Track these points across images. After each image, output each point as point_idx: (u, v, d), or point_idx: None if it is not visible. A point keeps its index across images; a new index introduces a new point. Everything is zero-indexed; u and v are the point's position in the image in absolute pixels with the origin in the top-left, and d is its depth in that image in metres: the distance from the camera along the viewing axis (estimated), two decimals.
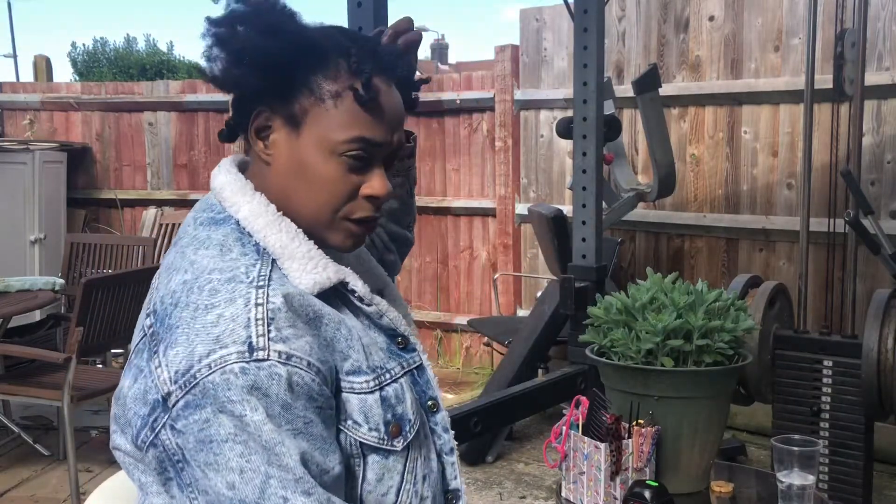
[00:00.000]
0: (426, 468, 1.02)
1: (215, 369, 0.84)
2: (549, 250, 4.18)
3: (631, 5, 4.49)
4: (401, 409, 0.98)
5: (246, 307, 0.88)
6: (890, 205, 3.72)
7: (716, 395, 1.84)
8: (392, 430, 0.96)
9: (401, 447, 0.97)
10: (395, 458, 0.97)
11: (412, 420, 0.99)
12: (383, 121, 0.98)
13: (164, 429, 0.87)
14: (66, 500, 3.24)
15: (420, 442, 1.01)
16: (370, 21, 2.06)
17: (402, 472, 0.98)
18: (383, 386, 0.97)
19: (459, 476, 1.08)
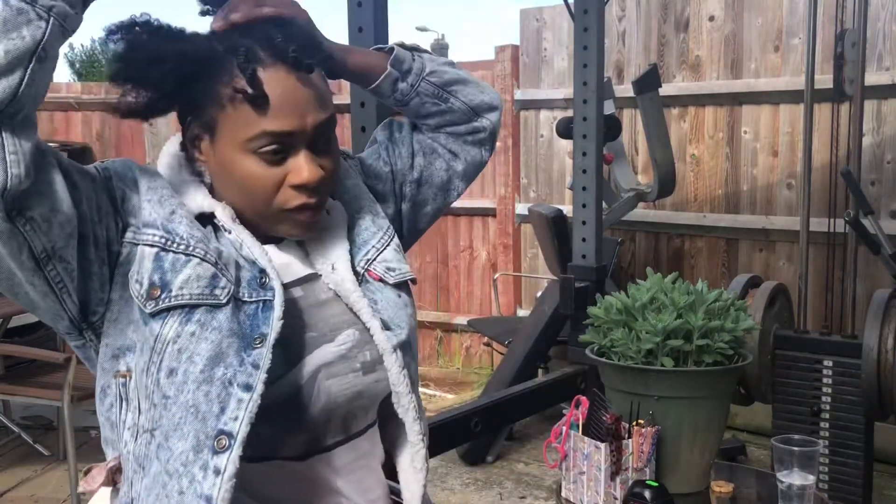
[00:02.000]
0: (176, 362, 0.94)
1: None
2: (549, 250, 4.19)
3: (631, 5, 4.49)
4: (169, 277, 0.95)
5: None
6: (890, 205, 3.72)
7: (716, 395, 1.84)
8: (152, 292, 0.94)
9: (149, 310, 0.94)
10: (150, 327, 0.94)
11: (174, 294, 0.94)
12: (284, 110, 0.98)
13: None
14: (66, 500, 3.24)
15: (181, 333, 0.94)
16: (370, 21, 2.06)
17: (152, 348, 0.94)
18: (166, 249, 0.96)
19: (244, 422, 0.93)
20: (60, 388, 3.11)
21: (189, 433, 0.93)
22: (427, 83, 1.19)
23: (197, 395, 0.93)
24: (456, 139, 1.24)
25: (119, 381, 0.97)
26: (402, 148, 1.24)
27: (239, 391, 0.94)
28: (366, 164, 1.22)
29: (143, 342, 0.95)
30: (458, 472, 3.57)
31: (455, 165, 1.24)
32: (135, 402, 0.96)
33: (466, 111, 1.22)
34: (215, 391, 0.94)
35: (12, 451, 3.74)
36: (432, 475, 3.48)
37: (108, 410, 0.99)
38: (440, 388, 4.89)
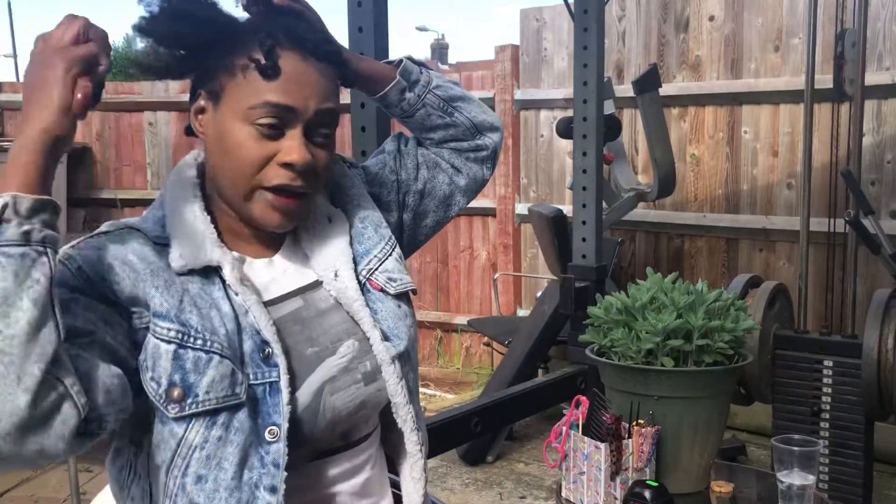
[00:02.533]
0: (205, 471, 0.93)
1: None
2: (549, 250, 4.19)
3: (631, 5, 4.49)
4: (192, 380, 0.92)
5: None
6: (890, 205, 3.72)
7: (716, 395, 1.84)
8: (172, 393, 0.92)
9: (173, 415, 0.92)
10: (170, 429, 0.93)
11: (201, 399, 0.92)
12: (291, 87, 1.00)
13: None
14: (66, 500, 3.24)
15: (209, 438, 0.93)
16: (370, 21, 2.06)
17: (174, 452, 0.93)
18: (185, 346, 0.93)
19: None
20: None
21: None
22: (433, 95, 1.21)
23: (229, 503, 0.94)
24: (459, 155, 1.26)
25: (132, 449, 0.97)
26: (408, 159, 1.25)
27: (266, 494, 0.95)
28: (371, 172, 1.23)
29: (159, 439, 0.94)
30: (458, 472, 3.57)
31: (458, 180, 1.26)
32: (144, 484, 0.97)
33: (470, 127, 1.24)
34: (245, 497, 0.95)
35: None
36: (432, 475, 3.48)
37: (119, 472, 1.00)
38: (440, 388, 4.89)
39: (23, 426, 0.77)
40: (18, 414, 0.77)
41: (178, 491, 0.93)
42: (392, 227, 1.19)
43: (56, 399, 0.80)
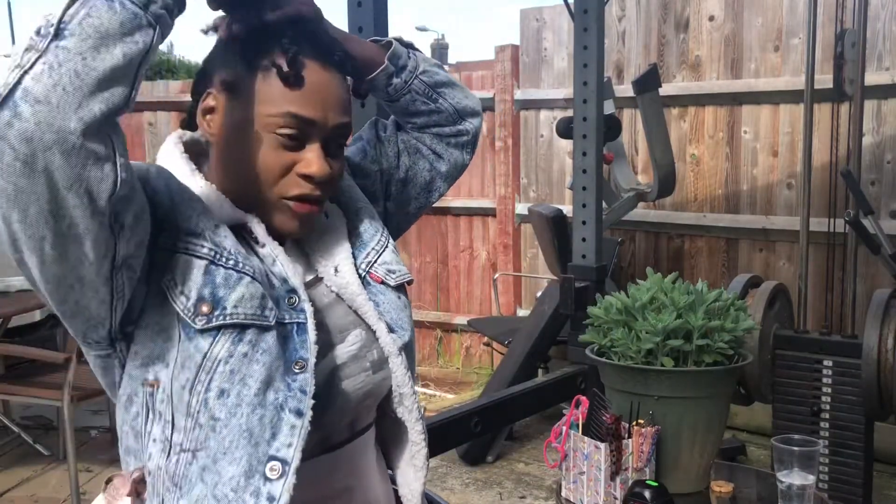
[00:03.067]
0: (228, 385, 0.92)
1: None
2: (549, 250, 4.19)
3: (631, 5, 4.49)
4: (221, 294, 0.92)
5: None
6: (890, 205, 3.72)
7: (716, 395, 1.84)
8: (201, 307, 0.91)
9: (199, 326, 0.91)
10: (196, 344, 0.91)
11: (228, 312, 0.92)
12: (312, 98, 0.99)
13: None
14: (66, 500, 3.24)
15: (234, 353, 0.92)
16: (370, 21, 2.06)
17: (199, 366, 0.91)
18: (216, 263, 0.93)
19: (297, 448, 0.93)
20: (60, 388, 3.11)
21: (241, 458, 0.91)
22: (420, 81, 1.19)
23: (251, 419, 0.92)
24: (440, 140, 1.25)
25: (147, 390, 0.94)
26: (388, 146, 1.24)
27: (291, 416, 0.94)
28: (353, 162, 1.22)
29: (184, 357, 0.92)
30: (458, 472, 3.57)
31: (439, 166, 1.26)
32: (165, 416, 0.93)
33: (453, 113, 1.24)
34: (268, 416, 0.93)
35: (12, 451, 3.74)
36: (432, 475, 3.48)
37: (134, 420, 0.96)
38: (440, 388, 4.89)
39: (63, 149, 0.77)
40: (64, 134, 0.77)
41: (201, 407, 0.92)
42: (379, 216, 1.20)
43: (102, 152, 0.80)
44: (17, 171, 0.76)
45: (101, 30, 0.78)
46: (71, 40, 0.77)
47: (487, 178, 5.18)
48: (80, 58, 0.77)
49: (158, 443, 0.94)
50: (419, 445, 1.12)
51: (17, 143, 0.75)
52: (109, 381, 0.99)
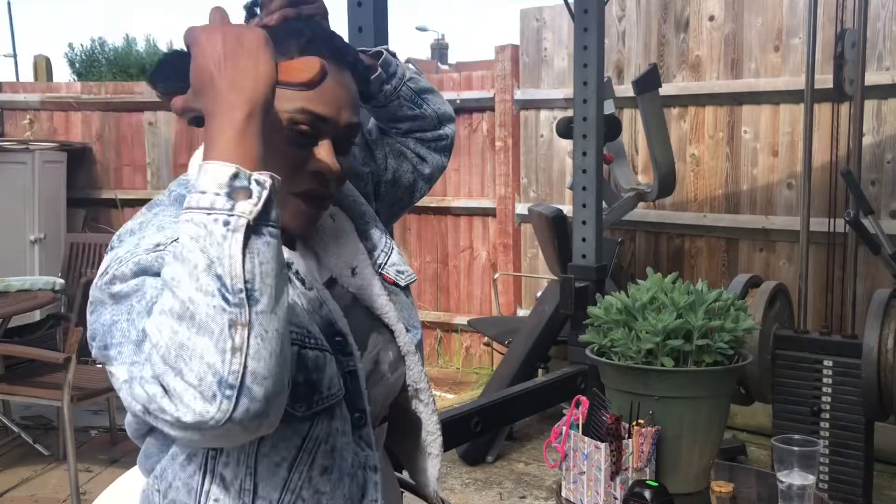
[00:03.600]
0: (330, 461, 0.97)
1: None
2: (549, 250, 4.18)
3: (631, 5, 4.49)
4: (316, 377, 0.94)
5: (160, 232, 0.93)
6: (890, 205, 3.72)
7: (716, 395, 1.83)
8: (297, 393, 0.93)
9: (301, 414, 0.93)
10: (294, 428, 0.94)
11: (325, 395, 0.95)
12: (326, 96, 1.01)
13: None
14: (66, 500, 3.24)
15: (331, 431, 0.97)
16: (370, 20, 2.06)
17: (300, 448, 0.95)
18: (304, 346, 0.94)
19: (381, 499, 1.02)
20: (60, 388, 3.10)
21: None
22: (407, 88, 1.25)
23: (351, 488, 0.99)
24: (422, 144, 1.31)
25: (209, 452, 0.95)
26: (376, 149, 1.29)
27: (371, 475, 1.01)
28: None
29: (277, 439, 0.94)
30: (458, 472, 3.57)
31: (422, 169, 1.31)
32: (235, 482, 0.94)
33: (434, 118, 1.30)
34: (360, 478, 1.00)
35: (12, 451, 3.74)
36: None
37: (190, 477, 0.97)
38: (440, 388, 4.88)
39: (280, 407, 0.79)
40: (284, 393, 0.79)
41: (304, 484, 0.95)
42: None
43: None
44: (234, 437, 0.78)
45: (274, 273, 0.77)
46: (263, 302, 0.76)
47: (487, 178, 5.18)
48: (274, 315, 0.77)
49: (224, 502, 0.95)
50: (434, 434, 1.19)
51: (250, 422, 0.76)
52: (150, 427, 0.99)
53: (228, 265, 0.75)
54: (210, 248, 0.75)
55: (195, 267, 0.75)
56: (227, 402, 0.74)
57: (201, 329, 0.74)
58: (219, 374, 0.73)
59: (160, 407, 0.75)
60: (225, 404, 0.74)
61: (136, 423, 1.01)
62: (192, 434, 0.76)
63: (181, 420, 0.74)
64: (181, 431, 0.75)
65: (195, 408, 0.73)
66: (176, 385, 0.74)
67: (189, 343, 0.74)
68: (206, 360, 0.73)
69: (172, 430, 0.76)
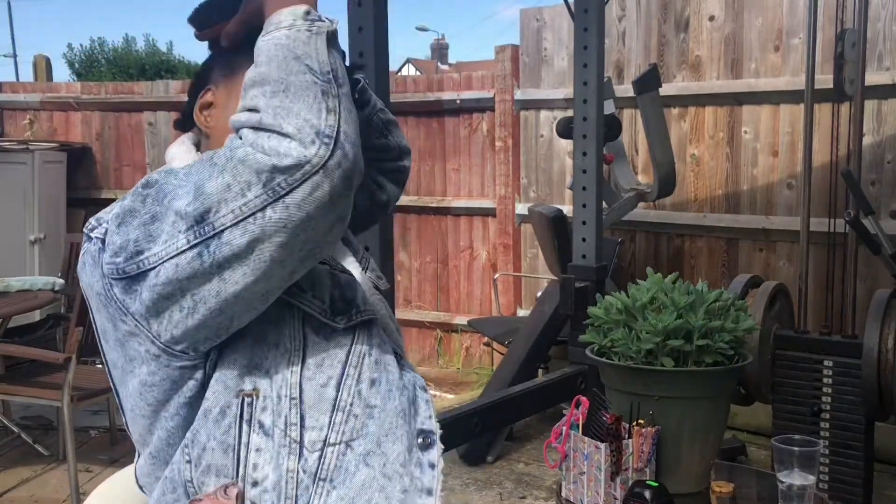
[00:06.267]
0: (378, 374, 0.99)
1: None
2: (549, 250, 4.18)
3: (631, 5, 4.48)
4: (351, 294, 1.00)
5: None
6: (890, 205, 3.72)
7: (716, 395, 1.84)
8: (336, 307, 0.98)
9: (342, 326, 0.97)
10: (337, 343, 0.96)
11: (362, 309, 1.00)
12: None
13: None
14: (66, 500, 3.24)
15: (373, 343, 1.00)
16: (370, 21, 2.06)
17: (345, 363, 0.96)
18: (334, 269, 1.01)
19: (434, 417, 1.03)
20: (60, 388, 3.10)
21: (402, 436, 0.98)
22: (378, 118, 1.28)
23: (402, 401, 1.00)
24: (382, 174, 1.34)
25: (245, 401, 0.94)
26: None
27: (422, 392, 1.03)
28: None
29: (321, 357, 0.95)
30: (458, 472, 3.57)
31: (379, 196, 1.34)
32: (282, 421, 0.93)
33: (397, 150, 1.33)
34: (409, 394, 1.01)
35: (12, 451, 3.74)
36: None
37: (225, 433, 0.94)
38: (440, 388, 4.88)
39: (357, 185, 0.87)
40: (362, 172, 0.88)
41: (354, 399, 0.96)
42: None
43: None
44: (320, 204, 0.82)
45: (346, 75, 0.88)
46: (345, 87, 0.86)
47: (487, 178, 5.18)
48: (352, 105, 0.87)
49: (268, 451, 0.93)
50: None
51: (340, 181, 0.83)
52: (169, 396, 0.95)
53: (315, 55, 0.85)
54: (296, 46, 0.85)
55: (284, 59, 0.85)
56: (324, 149, 0.82)
57: (296, 97, 0.83)
58: (316, 126, 0.82)
59: (253, 163, 0.82)
60: (322, 150, 0.82)
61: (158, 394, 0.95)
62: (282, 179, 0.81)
63: (277, 165, 0.81)
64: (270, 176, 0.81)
65: (293, 153, 0.81)
66: (270, 141, 0.82)
67: (283, 105, 0.83)
68: (303, 115, 0.82)
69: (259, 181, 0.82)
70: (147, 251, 0.88)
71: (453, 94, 5.16)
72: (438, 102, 5.17)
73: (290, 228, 0.82)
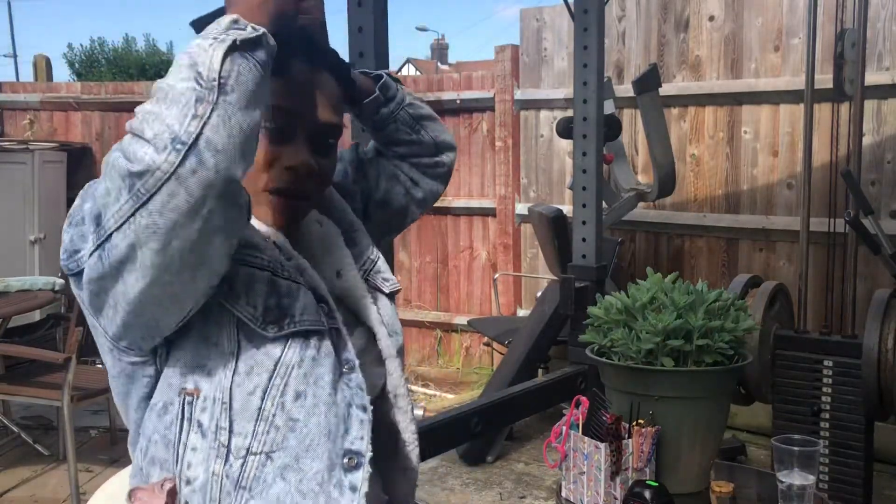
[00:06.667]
0: (304, 387, 0.97)
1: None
2: (549, 250, 4.18)
3: (631, 5, 4.49)
4: (287, 303, 0.98)
5: None
6: (890, 205, 3.72)
7: (716, 395, 1.84)
8: (269, 316, 0.96)
9: (272, 335, 0.95)
10: (266, 352, 0.95)
11: (296, 319, 0.98)
12: (297, 91, 1.04)
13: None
14: (66, 500, 3.24)
15: (305, 355, 0.97)
16: (370, 21, 2.06)
17: (272, 372, 0.95)
18: (276, 274, 0.99)
19: (368, 441, 0.99)
20: (60, 388, 3.10)
21: (322, 454, 0.96)
22: (405, 113, 1.27)
23: (329, 418, 0.97)
24: (418, 170, 1.33)
25: (185, 398, 0.96)
26: (369, 169, 1.31)
27: (359, 412, 1.00)
28: (336, 183, 1.26)
29: (251, 364, 0.95)
30: (458, 472, 3.57)
31: (415, 193, 1.34)
32: (212, 425, 0.94)
33: (432, 145, 1.32)
34: (341, 412, 0.99)
35: (12, 451, 3.74)
36: (432, 475, 3.48)
37: (167, 429, 0.96)
38: (440, 388, 4.88)
39: (227, 196, 0.83)
40: (233, 183, 0.84)
41: (277, 410, 0.96)
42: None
43: (244, 199, 0.87)
44: (181, 212, 0.81)
45: (250, 88, 0.86)
46: (233, 96, 0.83)
47: (487, 178, 5.18)
48: (241, 114, 0.84)
49: (202, 451, 0.95)
50: (411, 445, 1.16)
51: (196, 189, 0.80)
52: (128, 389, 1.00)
53: (208, 63, 0.83)
54: (197, 54, 0.84)
55: (180, 66, 0.84)
56: (174, 155, 0.80)
57: (171, 103, 0.82)
58: (174, 132, 0.80)
59: (118, 167, 0.82)
60: (173, 156, 0.80)
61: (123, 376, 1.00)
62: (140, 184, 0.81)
63: (131, 171, 0.80)
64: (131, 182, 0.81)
65: (146, 158, 0.80)
66: (134, 146, 0.82)
67: (156, 111, 0.82)
68: (167, 121, 0.81)
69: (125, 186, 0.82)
70: (81, 250, 0.91)
71: (453, 94, 5.16)
72: (438, 102, 5.17)
73: (160, 235, 0.81)
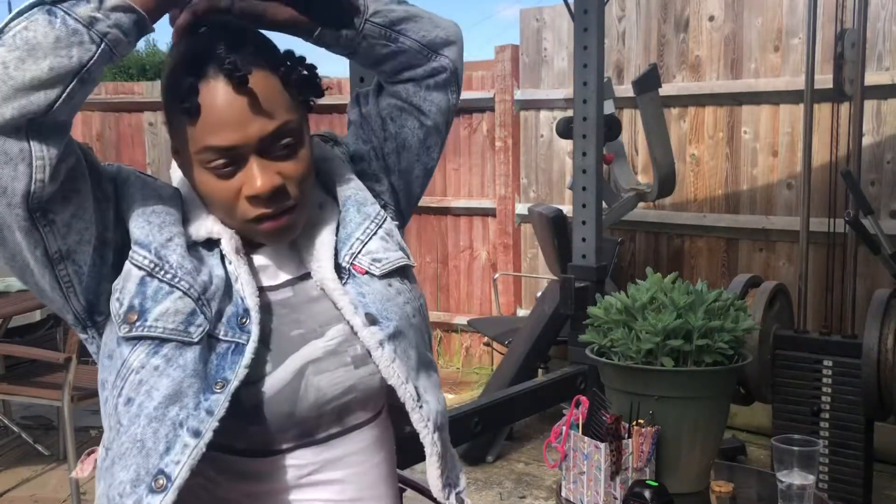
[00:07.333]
0: (134, 395, 0.94)
1: None
2: (549, 250, 4.18)
3: (631, 5, 4.49)
4: (149, 305, 0.95)
5: None
6: (890, 205, 3.72)
7: (716, 395, 1.84)
8: (129, 316, 0.95)
9: (122, 334, 0.95)
10: (120, 350, 0.96)
11: (149, 325, 0.94)
12: (224, 123, 0.96)
13: None
14: (66, 500, 3.24)
15: (146, 365, 0.94)
16: None
17: (117, 371, 0.96)
18: (153, 275, 0.96)
19: (186, 467, 0.93)
20: (60, 388, 3.11)
21: (131, 466, 0.94)
22: (371, 24, 1.07)
23: (146, 431, 0.93)
24: (418, 87, 1.15)
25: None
26: (372, 121, 1.18)
27: (187, 436, 0.94)
28: (350, 148, 1.20)
29: (113, 360, 0.97)
30: None
31: (425, 121, 1.17)
32: (105, 407, 1.00)
33: (420, 49, 1.12)
34: (164, 430, 0.94)
35: (12, 451, 3.74)
36: None
37: (104, 404, 1.01)
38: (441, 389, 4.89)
39: None
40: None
41: (112, 410, 0.97)
42: (387, 194, 1.20)
43: (14, 152, 0.85)
44: None
45: (31, 43, 0.84)
46: (0, 49, 0.83)
47: (487, 178, 5.18)
48: (2, 66, 0.83)
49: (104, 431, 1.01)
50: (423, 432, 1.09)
51: None
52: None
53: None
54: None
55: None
56: None
57: None
58: None
59: None
60: None
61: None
62: None
63: None
64: None
65: None
66: None
67: None
68: None
69: None
70: None
71: None
72: None
73: None
